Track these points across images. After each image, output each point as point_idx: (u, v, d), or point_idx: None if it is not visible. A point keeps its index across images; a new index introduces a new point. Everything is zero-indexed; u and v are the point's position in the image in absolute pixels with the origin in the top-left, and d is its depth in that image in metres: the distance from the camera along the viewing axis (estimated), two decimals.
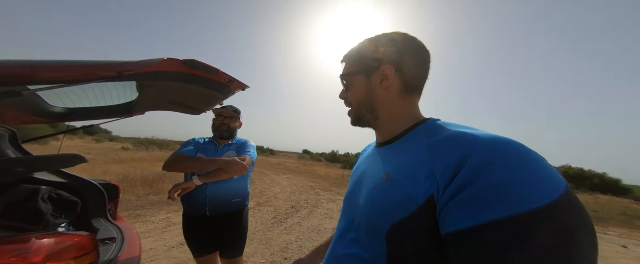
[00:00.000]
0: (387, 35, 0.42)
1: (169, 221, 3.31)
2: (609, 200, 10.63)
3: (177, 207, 3.99)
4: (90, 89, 1.06)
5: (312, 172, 13.29)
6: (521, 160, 0.25)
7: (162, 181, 5.60)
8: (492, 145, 0.27)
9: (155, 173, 6.53)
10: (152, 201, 4.17)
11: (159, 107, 1.43)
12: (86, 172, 5.39)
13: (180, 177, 1.27)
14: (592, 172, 17.79)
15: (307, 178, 9.92)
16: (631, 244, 4.18)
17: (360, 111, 0.44)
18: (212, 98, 1.20)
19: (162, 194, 4.68)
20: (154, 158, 12.14)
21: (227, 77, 1.02)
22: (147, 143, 23.35)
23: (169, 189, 1.15)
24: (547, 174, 0.24)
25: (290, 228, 3.38)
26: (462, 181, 0.26)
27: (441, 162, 0.29)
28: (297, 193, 6.15)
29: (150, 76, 0.91)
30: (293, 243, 2.84)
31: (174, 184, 1.16)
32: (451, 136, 0.32)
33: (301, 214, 4.16)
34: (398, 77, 0.40)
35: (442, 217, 0.27)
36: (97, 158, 9.46)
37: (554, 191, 0.23)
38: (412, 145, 0.37)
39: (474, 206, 0.24)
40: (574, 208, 0.23)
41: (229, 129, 1.28)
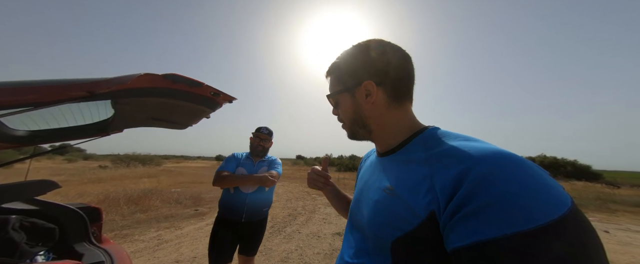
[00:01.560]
0: (361, 45, 0.41)
1: (160, 238, 3.11)
2: (583, 185, 11.34)
3: (167, 223, 3.78)
4: (59, 109, 0.98)
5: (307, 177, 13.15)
6: (524, 174, 0.24)
7: (147, 198, 5.27)
8: (492, 159, 0.26)
9: (139, 190, 6.15)
10: (139, 219, 3.90)
11: (139, 123, 1.38)
12: (59, 196, 4.94)
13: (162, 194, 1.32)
14: (565, 160, 19.05)
15: (303, 184, 9.80)
16: (612, 229, 4.29)
17: (353, 128, 0.44)
18: (198, 112, 1.18)
19: (150, 211, 4.41)
20: (137, 175, 11.41)
21: (212, 90, 0.99)
22: (127, 159, 21.88)
23: (156, 205, 1.23)
24: (551, 190, 0.23)
25: (289, 236, 3.32)
26: (463, 196, 0.25)
27: (440, 177, 0.29)
28: (293, 200, 6.07)
29: (128, 93, 0.86)
30: (293, 251, 2.79)
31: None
32: (449, 149, 0.31)
33: (299, 221, 4.10)
34: (382, 90, 0.39)
35: (446, 233, 0.26)
36: (71, 179, 8.72)
37: (559, 207, 0.22)
38: (411, 157, 0.36)
39: (476, 222, 0.24)
40: (580, 225, 0.22)
41: (263, 149, 1.55)
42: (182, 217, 4.22)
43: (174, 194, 6.02)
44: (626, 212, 5.80)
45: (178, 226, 3.67)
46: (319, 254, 2.71)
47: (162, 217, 4.16)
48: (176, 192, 6.48)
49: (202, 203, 5.44)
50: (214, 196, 6.16)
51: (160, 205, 4.94)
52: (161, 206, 4.90)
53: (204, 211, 4.73)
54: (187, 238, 3.16)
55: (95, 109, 1.11)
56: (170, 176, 11.48)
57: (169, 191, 6.61)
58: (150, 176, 11.13)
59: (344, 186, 9.16)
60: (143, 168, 17.34)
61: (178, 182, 9.16)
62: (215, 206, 5.09)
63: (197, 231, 3.47)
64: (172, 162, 31.71)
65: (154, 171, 14.75)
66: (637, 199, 7.10)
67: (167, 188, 7.11)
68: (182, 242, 2.99)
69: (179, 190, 6.89)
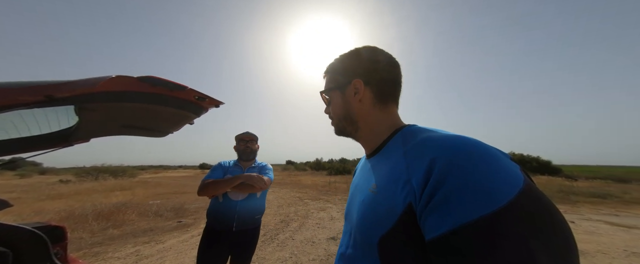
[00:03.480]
0: (357, 50, 0.45)
1: (139, 254, 2.82)
2: (547, 180, 12.28)
3: (146, 238, 3.44)
4: (9, 116, 0.85)
5: (297, 182, 12.85)
6: (481, 159, 0.25)
7: (121, 212, 4.78)
8: (455, 146, 0.28)
9: (111, 204, 5.58)
10: (113, 235, 3.51)
11: (109, 132, 1.23)
12: (11, 215, 4.29)
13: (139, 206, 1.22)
14: (530, 157, 20.87)
15: (294, 189, 9.58)
16: (576, 219, 4.44)
17: (341, 124, 0.47)
18: (180, 117, 1.09)
19: (125, 226, 3.99)
20: (107, 188, 10.32)
21: (196, 94, 0.93)
22: (95, 172, 19.74)
23: (132, 219, 1.13)
24: (505, 172, 0.24)
25: (283, 244, 3.20)
26: (433, 185, 0.26)
27: (414, 169, 0.30)
28: (285, 206, 5.88)
29: (95, 98, 0.77)
30: (287, 259, 2.68)
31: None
32: (421, 141, 0.33)
33: (292, 228, 3.98)
34: (369, 89, 0.42)
35: (422, 223, 0.27)
36: (24, 196, 7.62)
37: (509, 190, 0.23)
38: (392, 154, 0.37)
39: (439, 213, 0.25)
40: (535, 205, 0.23)
41: (252, 151, 1.47)
42: (164, 230, 3.87)
43: (153, 207, 5.53)
44: (585, 202, 6.33)
45: (159, 240, 3.35)
46: (315, 260, 2.64)
47: (140, 231, 3.78)
48: (155, 204, 5.96)
49: (186, 214, 5.05)
50: (199, 206, 5.77)
51: (137, 219, 4.49)
52: (138, 219, 4.45)
53: (188, 222, 4.39)
54: (171, 252, 2.90)
55: (54, 117, 0.97)
56: (147, 188, 10.53)
57: (147, 203, 6.06)
58: (123, 188, 10.12)
59: (335, 190, 9.11)
60: (114, 181, 15.75)
61: (157, 193, 8.43)
62: (201, 217, 4.76)
63: (182, 244, 3.20)
64: (149, 173, 29.11)
65: (127, 183, 13.45)
66: (593, 190, 7.85)
67: (143, 201, 6.51)
68: (165, 256, 2.74)
69: (158, 202, 6.34)
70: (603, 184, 10.40)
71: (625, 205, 5.93)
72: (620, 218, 4.52)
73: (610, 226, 3.96)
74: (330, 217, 4.65)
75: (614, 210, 5.31)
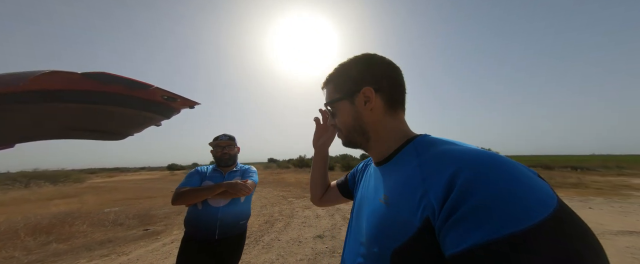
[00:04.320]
0: (358, 58, 0.44)
1: None
2: None
3: (105, 250, 2.96)
4: None
5: (281, 180, 12.50)
6: (510, 176, 0.24)
7: (66, 223, 4.04)
8: (480, 161, 0.27)
9: (51, 215, 4.69)
10: (58, 251, 2.93)
11: (45, 135, 1.05)
12: None
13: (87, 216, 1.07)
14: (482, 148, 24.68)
15: (277, 188, 9.29)
16: None
17: (350, 135, 0.45)
18: (142, 119, 1.00)
19: (74, 239, 3.37)
20: (44, 196, 8.58)
21: (165, 94, 0.83)
22: (25, 178, 16.18)
23: (82, 230, 0.99)
24: (537, 189, 0.24)
25: (268, 246, 3.08)
26: (455, 200, 0.25)
27: (432, 182, 0.29)
28: (268, 206, 5.67)
29: (19, 99, 0.65)
30: (274, 261, 2.60)
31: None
32: (439, 153, 0.32)
33: (277, 228, 3.87)
34: (379, 97, 0.41)
35: (441, 238, 0.26)
36: None
37: (542, 208, 0.22)
38: (404, 165, 0.36)
39: (463, 228, 0.24)
40: (569, 227, 0.22)
41: (230, 157, 1.37)
42: (127, 240, 3.38)
43: (110, 215, 4.79)
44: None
45: (122, 252, 2.92)
46: (302, 260, 2.61)
47: (95, 243, 3.23)
48: (112, 211, 5.16)
49: (154, 220, 4.49)
50: (169, 212, 5.19)
51: (90, 230, 3.83)
52: (91, 231, 3.80)
53: (157, 229, 3.91)
54: (139, 263, 2.55)
55: None
56: (100, 194, 9.05)
57: (101, 211, 5.22)
58: (66, 196, 8.51)
59: None
60: (53, 187, 13.17)
61: (113, 200, 7.31)
62: (172, 223, 4.29)
63: (151, 254, 2.84)
64: (101, 177, 25.01)
65: (71, 190, 11.38)
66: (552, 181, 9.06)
67: (96, 209, 5.58)
68: None
69: (116, 209, 5.51)
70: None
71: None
72: None
73: None
74: (315, 215, 4.64)
75: None
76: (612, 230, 3.36)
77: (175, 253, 2.86)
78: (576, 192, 6.51)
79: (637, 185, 7.64)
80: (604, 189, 6.93)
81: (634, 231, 3.27)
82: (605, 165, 15.14)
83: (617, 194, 6.08)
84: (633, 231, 3.27)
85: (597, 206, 4.83)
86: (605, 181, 8.79)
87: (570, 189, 7.07)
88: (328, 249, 2.88)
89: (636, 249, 2.67)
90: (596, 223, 3.68)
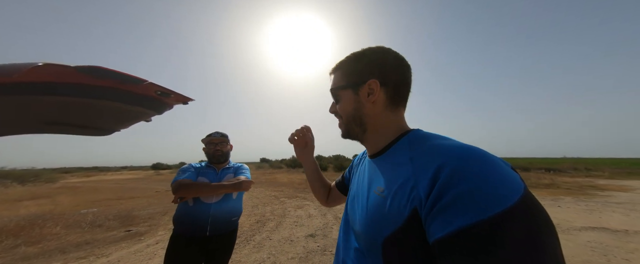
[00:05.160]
0: (371, 49, 0.44)
1: None
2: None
3: (82, 252, 2.77)
4: None
5: (273, 180, 12.32)
6: (484, 167, 0.27)
7: (37, 226, 3.76)
8: (460, 155, 0.29)
9: (19, 217, 4.35)
10: (27, 254, 2.70)
11: (24, 129, 1.00)
12: None
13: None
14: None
15: (269, 188, 9.14)
16: None
17: (349, 125, 0.46)
18: (133, 114, 0.98)
19: (46, 242, 3.13)
20: (11, 197, 7.92)
21: (158, 89, 0.83)
22: None
23: (56, 233, 0.96)
24: (509, 179, 0.27)
25: (259, 245, 3.04)
26: (438, 191, 0.28)
27: (421, 175, 0.31)
28: (260, 206, 5.57)
29: (10, 90, 0.63)
30: (265, 260, 2.57)
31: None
32: (429, 148, 0.34)
33: (269, 227, 3.81)
34: (384, 91, 0.42)
35: (427, 226, 0.28)
36: None
37: (512, 194, 0.25)
38: (397, 157, 0.38)
39: (447, 215, 0.26)
40: (532, 210, 0.25)
41: (223, 154, 1.37)
42: (106, 242, 3.18)
43: (87, 216, 4.50)
44: None
45: (101, 254, 2.74)
46: (294, 258, 2.59)
47: (71, 246, 3.01)
48: (90, 212, 4.85)
49: (136, 221, 4.26)
50: (154, 212, 4.95)
51: (65, 232, 3.56)
52: (66, 233, 3.54)
53: (141, 230, 3.72)
54: None
55: None
56: (76, 195, 8.45)
57: (77, 213, 4.89)
58: (37, 197, 7.87)
59: None
60: (22, 188, 12.10)
61: (91, 200, 6.85)
62: (157, 224, 4.09)
63: (134, 255, 2.70)
64: (77, 177, 23.27)
65: (43, 190, 10.55)
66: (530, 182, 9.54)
67: (71, 210, 5.21)
68: None
69: (94, 210, 5.18)
70: None
71: None
72: None
73: None
74: (308, 215, 4.63)
75: None
76: (577, 226, 3.63)
77: (161, 253, 2.71)
78: (549, 192, 6.97)
79: (602, 185, 8.31)
80: (572, 189, 7.47)
81: (595, 227, 3.56)
82: (575, 167, 16.20)
83: (583, 193, 6.59)
84: (595, 227, 3.56)
85: (565, 204, 5.20)
86: (573, 182, 9.47)
87: (544, 189, 7.55)
88: (319, 248, 2.89)
89: (596, 243, 2.90)
90: (563, 220, 3.96)
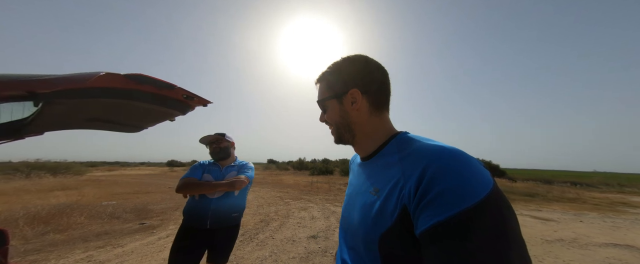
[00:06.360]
0: (350, 59, 0.47)
1: (92, 259, 2.46)
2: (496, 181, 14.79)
3: (101, 242, 3.01)
4: None
5: (279, 181, 12.51)
6: (459, 167, 0.31)
7: (64, 215, 4.10)
8: (441, 155, 0.33)
9: (51, 206, 4.74)
10: (55, 241, 2.98)
11: (70, 125, 1.15)
12: None
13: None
14: (483, 160, 23.58)
15: (275, 188, 9.31)
16: (518, 215, 5.60)
17: (339, 132, 0.49)
18: (161, 114, 1.09)
19: (71, 230, 3.42)
20: (44, 187, 8.65)
21: (185, 93, 0.94)
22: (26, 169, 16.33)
23: (80, 222, 1.08)
24: (477, 177, 0.30)
25: (262, 243, 3.11)
26: (423, 190, 0.31)
27: (409, 176, 0.34)
28: (265, 206, 5.70)
29: (78, 94, 0.73)
30: (267, 258, 2.63)
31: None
32: (415, 150, 0.37)
33: (272, 227, 3.89)
34: (366, 98, 0.45)
35: (414, 221, 0.32)
36: None
37: (482, 190, 0.29)
38: (388, 159, 0.41)
39: (430, 209, 0.30)
40: (498, 201, 0.29)
41: (221, 150, 1.44)
42: (122, 233, 3.43)
43: (107, 208, 4.84)
44: (520, 200, 7.48)
45: (117, 244, 2.96)
46: (295, 258, 2.63)
47: (92, 235, 3.28)
48: (110, 205, 5.22)
49: (151, 215, 4.54)
50: (167, 207, 5.24)
51: (87, 222, 3.88)
52: (88, 223, 3.85)
53: (154, 224, 3.96)
54: (133, 256, 2.59)
55: (7, 108, 0.89)
56: (100, 187, 9.13)
57: (99, 204, 5.27)
58: (66, 188, 8.58)
59: (317, 190, 9.13)
60: (54, 179, 13.24)
61: (112, 193, 7.37)
62: (169, 218, 4.33)
63: (146, 247, 2.88)
64: (101, 171, 25.13)
65: (72, 182, 11.46)
66: (526, 190, 9.57)
67: (94, 202, 5.64)
68: (126, 261, 2.45)
69: (114, 203, 5.56)
70: (534, 185, 12.55)
71: (547, 202, 7.22)
72: (542, 213, 5.48)
73: (533, 219, 4.77)
74: (311, 216, 4.66)
75: (538, 206, 6.41)
76: (597, 242, 3.37)
77: (170, 246, 2.88)
78: (572, 206, 6.48)
79: (635, 203, 7.56)
80: (601, 205, 6.88)
81: (618, 244, 3.28)
82: (607, 182, 14.96)
83: (612, 210, 6.05)
84: (617, 244, 3.28)
85: (588, 220, 4.81)
86: (603, 197, 8.71)
87: (567, 203, 7.04)
88: (320, 249, 2.91)
89: (615, 260, 2.69)
90: (583, 235, 3.68)
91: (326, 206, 5.77)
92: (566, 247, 3.16)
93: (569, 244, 3.30)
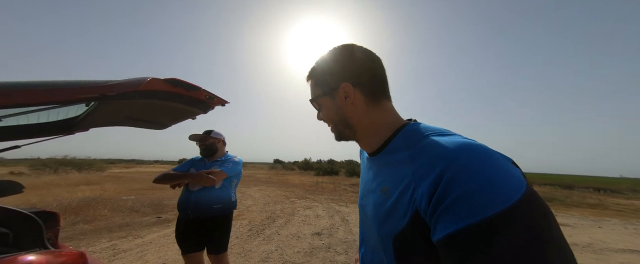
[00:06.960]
0: (337, 51, 0.43)
1: (116, 248, 2.71)
2: None
3: (123, 233, 3.29)
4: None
5: (285, 181, 12.74)
6: (485, 167, 0.26)
7: (91, 207, 4.48)
8: (460, 153, 0.28)
9: (79, 198, 5.19)
10: (84, 230, 3.30)
11: (112, 123, 1.30)
12: None
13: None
14: None
15: (281, 188, 9.53)
16: None
17: (338, 129, 0.45)
18: (186, 113, 1.20)
19: (97, 221, 3.75)
20: (71, 182, 9.41)
21: (207, 94, 1.04)
22: (54, 164, 17.69)
23: (104, 214, 1.25)
24: (507, 178, 0.26)
25: (269, 238, 3.26)
26: (439, 195, 0.27)
27: (420, 177, 0.31)
28: (271, 204, 5.88)
29: (132, 96, 0.86)
30: (273, 251, 2.77)
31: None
32: (427, 146, 0.33)
33: (278, 224, 4.04)
34: (359, 91, 0.41)
35: (432, 226, 0.28)
36: None
37: (514, 193, 0.24)
38: (396, 156, 0.38)
39: (450, 216, 0.26)
40: (534, 206, 0.24)
41: (206, 148, 1.56)
42: (142, 225, 3.71)
43: (127, 202, 5.22)
44: None
45: (137, 235, 3.23)
46: (299, 253, 2.75)
47: (115, 226, 3.58)
48: (130, 199, 5.61)
49: (166, 209, 4.84)
50: None
51: (110, 214, 4.22)
52: (111, 215, 4.19)
53: (169, 218, 4.23)
54: (152, 246, 2.83)
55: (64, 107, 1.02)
56: (119, 183, 9.76)
57: (119, 198, 5.69)
58: (90, 183, 9.27)
59: (322, 190, 9.27)
60: (79, 174, 14.29)
61: (130, 189, 7.88)
62: None
63: (163, 238, 3.12)
64: (119, 168, 26.73)
65: (95, 177, 12.31)
66: (544, 194, 8.88)
67: (116, 196, 6.09)
68: (146, 250, 2.67)
69: (133, 197, 5.97)
70: (552, 190, 12.13)
71: (565, 207, 6.95)
72: (559, 218, 5.25)
73: None
74: (315, 215, 4.78)
75: (555, 211, 6.10)
76: (614, 248, 3.24)
77: None
78: (592, 212, 6.17)
79: None
80: (625, 211, 6.50)
81: (636, 250, 3.14)
82: (634, 189, 13.88)
83: (637, 217, 5.70)
84: (634, 250, 3.15)
85: (608, 226, 4.60)
86: (629, 204, 8.20)
87: (587, 209, 6.70)
88: (324, 245, 3.02)
89: None
90: (599, 241, 3.54)
91: (331, 205, 5.87)
92: (579, 251, 3.07)
93: (583, 248, 3.19)
